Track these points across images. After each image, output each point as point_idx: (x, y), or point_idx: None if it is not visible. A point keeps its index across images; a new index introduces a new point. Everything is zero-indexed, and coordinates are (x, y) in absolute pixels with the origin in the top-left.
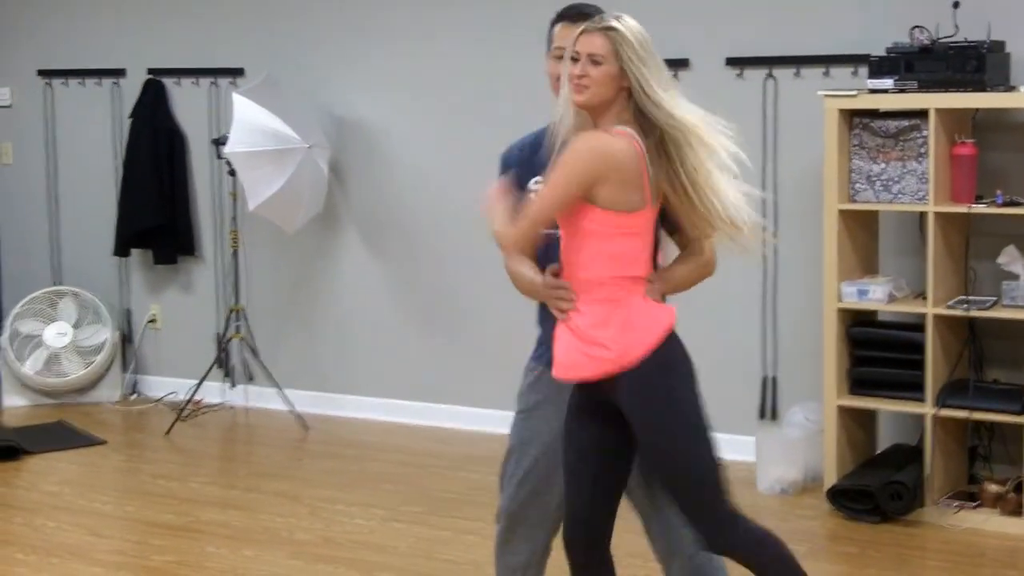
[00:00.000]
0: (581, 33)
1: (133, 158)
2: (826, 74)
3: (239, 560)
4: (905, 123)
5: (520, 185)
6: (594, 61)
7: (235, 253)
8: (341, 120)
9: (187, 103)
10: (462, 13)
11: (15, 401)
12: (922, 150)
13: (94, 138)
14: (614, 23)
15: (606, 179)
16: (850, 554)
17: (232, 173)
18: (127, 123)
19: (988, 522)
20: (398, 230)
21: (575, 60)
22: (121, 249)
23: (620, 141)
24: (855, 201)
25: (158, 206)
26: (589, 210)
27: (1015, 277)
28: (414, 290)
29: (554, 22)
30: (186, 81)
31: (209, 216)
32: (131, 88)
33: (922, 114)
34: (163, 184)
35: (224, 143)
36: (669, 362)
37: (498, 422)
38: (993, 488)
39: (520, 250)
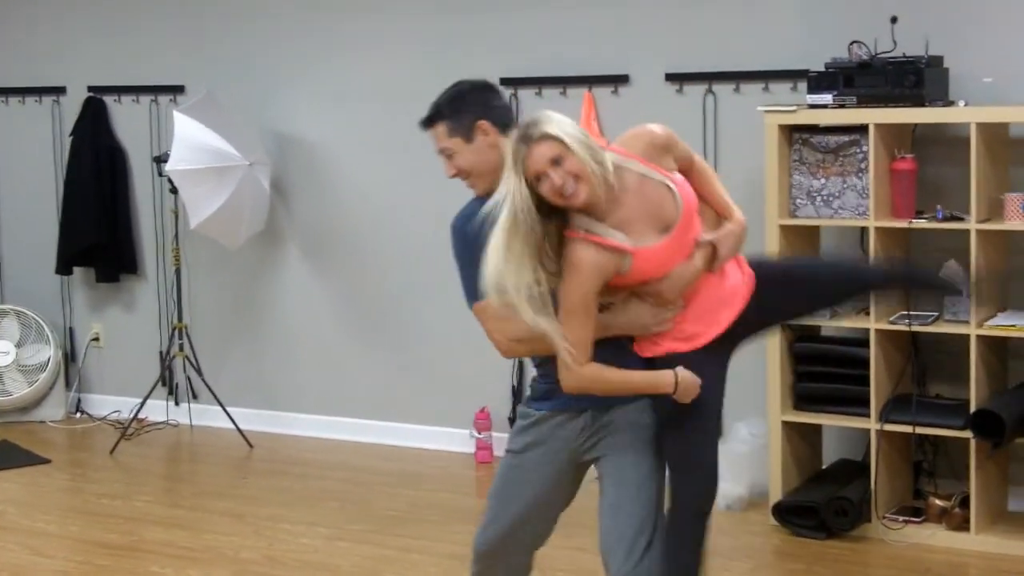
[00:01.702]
0: (531, 151)
1: (74, 176)
2: (765, 89)
3: None
4: (845, 138)
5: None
6: (556, 162)
7: (178, 271)
8: (282, 136)
9: (128, 121)
10: (403, 29)
11: None
12: (862, 165)
13: (35, 156)
14: (548, 128)
15: None
16: (796, 570)
17: (174, 191)
18: (68, 141)
19: (933, 537)
20: (341, 246)
21: (541, 177)
22: (63, 267)
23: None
24: (796, 216)
25: (100, 224)
26: None
27: (956, 292)
28: (357, 307)
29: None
30: (126, 98)
31: (151, 234)
32: (71, 106)
33: (862, 129)
34: (105, 202)
35: (165, 161)
36: None
37: (443, 439)
38: (938, 503)
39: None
